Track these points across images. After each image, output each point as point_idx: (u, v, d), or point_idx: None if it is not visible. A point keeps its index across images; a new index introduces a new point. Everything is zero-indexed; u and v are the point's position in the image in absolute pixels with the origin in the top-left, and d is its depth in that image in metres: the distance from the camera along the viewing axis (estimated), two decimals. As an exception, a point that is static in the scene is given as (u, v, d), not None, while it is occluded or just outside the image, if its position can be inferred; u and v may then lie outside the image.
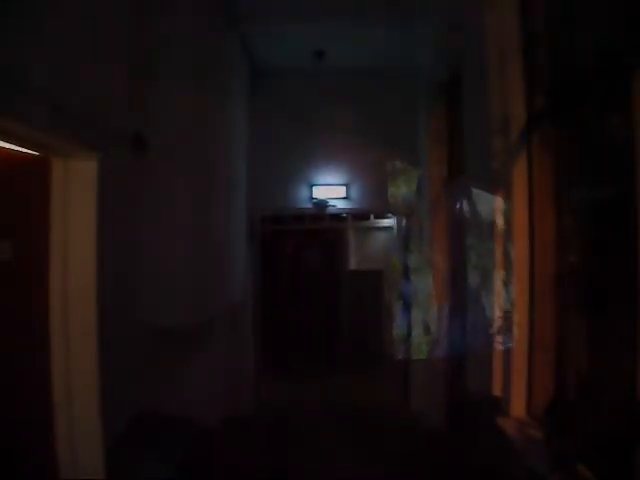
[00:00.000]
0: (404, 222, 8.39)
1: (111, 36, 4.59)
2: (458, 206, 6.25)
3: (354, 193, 8.34)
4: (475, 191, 4.81)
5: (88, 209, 4.24)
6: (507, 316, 3.89)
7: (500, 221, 4.01)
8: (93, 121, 4.18)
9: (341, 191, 8.28)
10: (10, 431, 3.40)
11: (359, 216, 10.97)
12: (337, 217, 10.12)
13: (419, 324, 7.91)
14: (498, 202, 4.03)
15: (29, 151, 3.93)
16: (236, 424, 7.26)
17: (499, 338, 3.98)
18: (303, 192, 8.33)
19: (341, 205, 8.39)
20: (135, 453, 4.66)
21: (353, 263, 12.04)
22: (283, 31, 7.23)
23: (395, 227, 9.90)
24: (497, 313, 4.00)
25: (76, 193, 4.22)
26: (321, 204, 8.27)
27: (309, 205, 8.34)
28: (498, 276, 3.99)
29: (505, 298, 3.93)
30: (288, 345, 10.68)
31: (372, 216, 11.30)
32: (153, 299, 5.18)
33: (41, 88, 3.49)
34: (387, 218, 10.92)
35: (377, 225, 11.59)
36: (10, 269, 3.77)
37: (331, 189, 8.28)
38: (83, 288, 4.23)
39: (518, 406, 3.85)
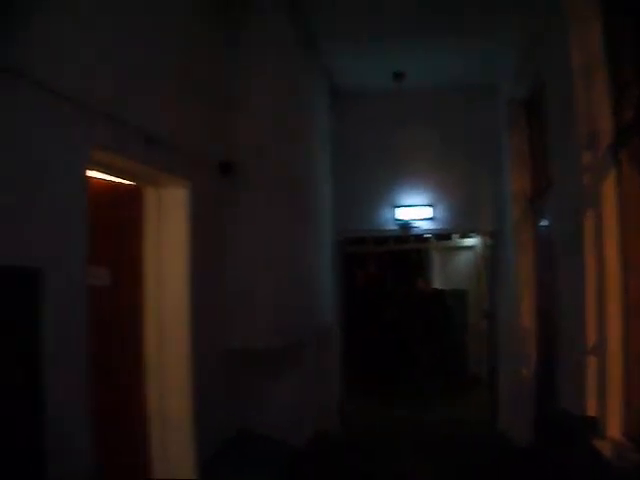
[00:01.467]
0: (489, 241, 8.30)
1: (198, 69, 4.80)
2: (544, 223, 6.16)
3: (438, 213, 8.30)
4: (562, 208, 4.74)
5: (180, 236, 4.41)
6: (600, 332, 3.81)
7: (590, 237, 3.95)
8: (183, 150, 4.36)
9: (425, 212, 8.26)
10: (105, 446, 3.51)
11: (442, 236, 10.91)
12: (421, 238, 10.09)
13: (506, 342, 7.78)
14: (587, 218, 3.97)
15: (124, 181, 4.13)
16: (323, 443, 7.28)
17: (593, 355, 3.90)
18: (387, 214, 8.36)
19: (425, 226, 8.36)
20: (229, 472, 4.74)
21: (437, 283, 11.97)
22: (362, 52, 7.33)
23: (479, 246, 9.82)
24: (590, 329, 3.92)
25: (168, 220, 4.40)
26: (405, 225, 8.28)
27: (393, 227, 8.35)
28: (589, 292, 3.92)
29: (598, 313, 3.85)
30: (373, 365, 10.66)
31: (456, 236, 11.22)
32: (243, 321, 5.28)
33: (137, 122, 3.68)
34: (471, 237, 10.83)
35: (461, 245, 11.51)
36: (109, 294, 3.92)
37: (415, 210, 8.27)
38: (176, 312, 4.38)
39: (614, 426, 3.75)
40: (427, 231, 8.56)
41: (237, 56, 5.50)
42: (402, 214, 8.28)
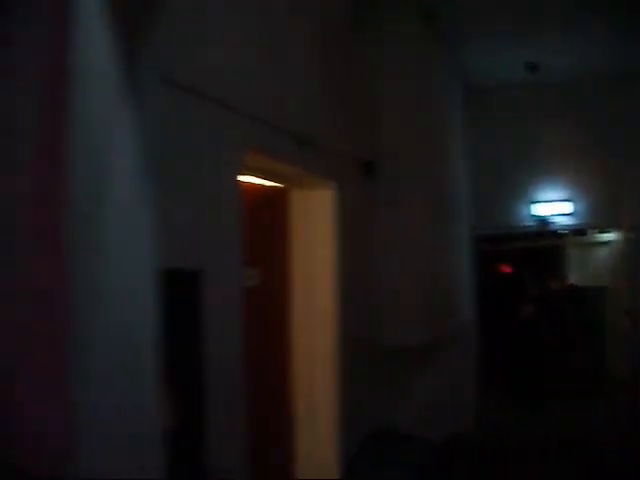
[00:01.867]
0: (631, 235, 7.96)
1: (341, 70, 4.95)
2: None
3: (577, 208, 8.07)
4: None
5: (326, 236, 4.53)
6: None
7: None
8: (329, 151, 4.47)
9: (563, 207, 8.06)
10: (254, 446, 3.57)
11: (579, 232, 10.59)
12: (557, 233, 9.86)
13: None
14: None
15: (273, 183, 4.26)
16: (458, 442, 7.21)
17: None
18: (523, 210, 8.21)
19: (563, 221, 8.14)
20: (370, 470, 4.78)
21: (574, 279, 11.64)
22: (495, 46, 7.20)
23: (618, 241, 9.45)
24: None
25: (315, 221, 4.52)
26: (542, 221, 8.10)
27: (530, 223, 8.19)
28: None
29: None
30: (509, 364, 10.46)
31: (592, 231, 10.85)
32: (387, 320, 5.35)
33: (287, 124, 3.82)
34: (608, 232, 10.43)
35: (598, 240, 11.12)
36: (259, 293, 4.05)
37: (552, 205, 8.09)
38: (324, 311, 4.50)
39: None
40: (565, 227, 8.32)
41: (368, 57, 5.57)
42: (539, 210, 8.12)
